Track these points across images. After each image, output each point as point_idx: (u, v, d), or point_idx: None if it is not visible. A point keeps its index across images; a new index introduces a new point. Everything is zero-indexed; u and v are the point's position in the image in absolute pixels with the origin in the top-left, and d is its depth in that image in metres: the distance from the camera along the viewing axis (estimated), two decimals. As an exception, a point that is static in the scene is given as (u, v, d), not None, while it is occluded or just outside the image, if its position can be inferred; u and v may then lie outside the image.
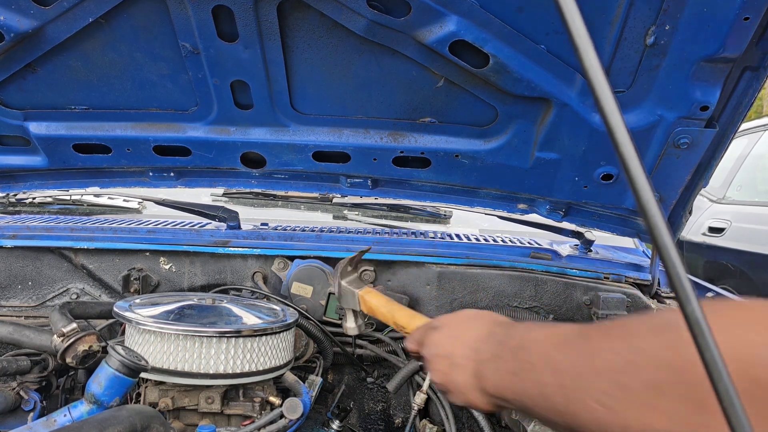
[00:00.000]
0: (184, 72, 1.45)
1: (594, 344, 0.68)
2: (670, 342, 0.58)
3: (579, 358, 0.69)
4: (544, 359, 0.75)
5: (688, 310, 0.44)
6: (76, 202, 2.51)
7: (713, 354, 0.43)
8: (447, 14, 1.23)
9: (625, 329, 0.65)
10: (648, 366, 0.59)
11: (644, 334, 0.62)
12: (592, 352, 0.67)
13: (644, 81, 1.32)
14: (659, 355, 0.59)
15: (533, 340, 0.80)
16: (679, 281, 0.44)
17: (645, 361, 0.60)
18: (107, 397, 1.10)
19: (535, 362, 0.76)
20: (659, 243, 0.45)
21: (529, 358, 0.78)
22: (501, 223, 2.15)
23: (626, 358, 0.61)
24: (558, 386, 0.70)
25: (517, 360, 0.81)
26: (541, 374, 0.74)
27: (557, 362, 0.72)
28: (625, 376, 0.61)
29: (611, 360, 0.63)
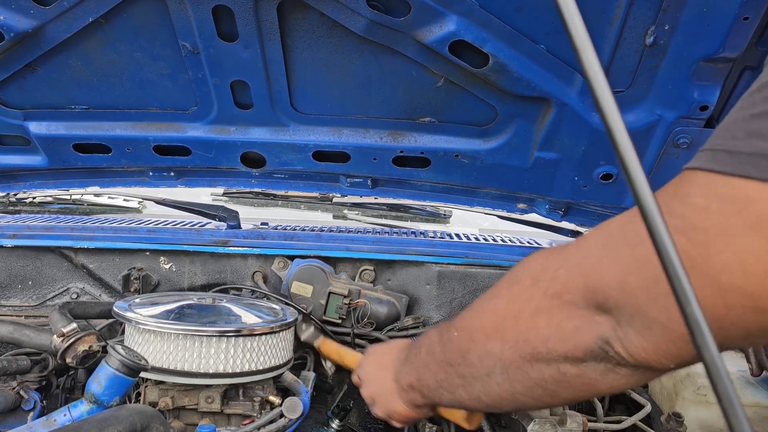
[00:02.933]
0: (184, 72, 1.45)
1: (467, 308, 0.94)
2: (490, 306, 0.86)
3: (456, 317, 0.95)
4: (434, 330, 0.99)
5: (688, 311, 0.44)
6: (76, 201, 2.51)
7: (713, 354, 0.43)
8: (447, 14, 1.23)
9: None
10: (483, 302, 0.89)
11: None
12: (463, 312, 0.94)
13: (644, 81, 1.32)
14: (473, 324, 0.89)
15: (434, 327, 1.03)
16: (678, 281, 0.44)
17: (484, 300, 0.89)
18: (107, 397, 1.10)
19: (429, 334, 1.01)
20: (658, 243, 0.45)
21: (426, 336, 1.03)
22: (501, 223, 2.15)
23: (480, 298, 0.90)
24: (438, 339, 0.96)
25: (417, 344, 1.05)
26: (429, 340, 0.99)
27: (440, 326, 0.97)
28: (471, 308, 0.91)
29: (470, 305, 0.92)
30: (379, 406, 1.16)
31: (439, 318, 1.75)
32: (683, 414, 1.39)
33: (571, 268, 0.72)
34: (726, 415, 0.43)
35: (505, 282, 0.84)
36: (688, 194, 0.60)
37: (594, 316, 0.70)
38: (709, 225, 0.57)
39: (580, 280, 0.70)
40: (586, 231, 1.94)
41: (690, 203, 0.59)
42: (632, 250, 0.64)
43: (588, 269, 0.70)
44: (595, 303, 0.69)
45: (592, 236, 0.72)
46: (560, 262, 0.74)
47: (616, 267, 0.66)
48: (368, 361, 1.25)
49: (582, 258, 0.72)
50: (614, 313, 0.67)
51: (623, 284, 0.65)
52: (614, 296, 0.66)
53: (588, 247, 0.72)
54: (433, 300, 1.76)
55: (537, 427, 1.26)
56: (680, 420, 1.37)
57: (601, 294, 0.68)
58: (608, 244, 0.68)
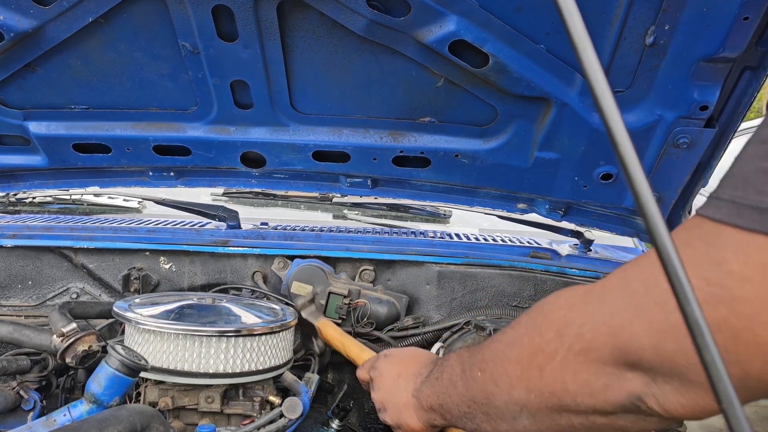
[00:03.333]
0: (184, 72, 1.45)
1: (488, 340, 0.93)
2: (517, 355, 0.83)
3: (476, 349, 0.93)
4: (457, 359, 0.97)
5: (688, 311, 0.44)
6: (76, 201, 2.51)
7: (713, 354, 0.43)
8: (447, 14, 1.23)
9: (508, 325, 0.90)
10: (505, 348, 0.86)
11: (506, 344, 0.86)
12: (483, 344, 0.92)
13: (644, 81, 1.32)
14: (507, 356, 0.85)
15: (456, 352, 1.01)
16: (678, 281, 0.44)
17: (505, 345, 0.86)
18: (107, 397, 1.10)
19: (452, 363, 0.98)
20: (658, 243, 0.45)
21: (448, 362, 1.00)
22: (501, 223, 2.15)
23: (501, 340, 0.88)
24: (460, 372, 0.94)
25: (440, 368, 1.03)
26: (452, 369, 0.97)
27: (463, 357, 0.95)
28: (495, 349, 0.88)
29: (491, 344, 0.90)
30: (390, 414, 1.15)
31: (439, 318, 1.75)
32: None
33: (597, 326, 0.70)
34: (726, 415, 0.43)
35: (527, 327, 0.81)
36: (724, 260, 0.58)
37: (624, 373, 0.68)
38: (752, 296, 0.56)
39: (608, 339, 0.68)
40: (586, 231, 1.94)
41: (729, 271, 0.57)
42: (666, 316, 0.62)
43: (616, 329, 0.67)
44: (625, 362, 0.68)
45: (616, 290, 0.69)
46: (584, 318, 0.72)
47: (650, 331, 0.64)
48: (385, 365, 1.22)
49: (608, 316, 0.69)
50: (648, 372, 0.66)
51: (659, 349, 0.63)
52: (648, 359, 0.65)
53: (614, 304, 0.69)
54: (433, 300, 1.76)
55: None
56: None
57: (634, 355, 0.66)
58: (636, 304, 0.66)
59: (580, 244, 1.96)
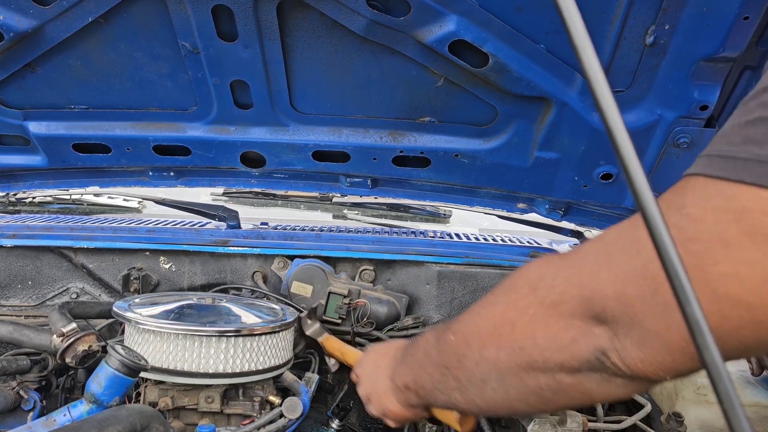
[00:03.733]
0: (184, 71, 1.45)
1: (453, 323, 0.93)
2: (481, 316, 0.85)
3: (453, 320, 0.94)
4: (431, 332, 0.99)
5: (688, 311, 0.44)
6: (75, 201, 2.51)
7: (714, 354, 0.43)
8: (447, 14, 1.23)
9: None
10: (480, 308, 0.87)
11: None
12: (460, 315, 0.93)
13: (644, 80, 1.32)
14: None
15: (431, 329, 1.02)
16: (678, 281, 0.44)
17: (481, 306, 0.87)
18: (107, 397, 1.10)
19: (426, 337, 1.00)
20: (658, 242, 0.45)
21: (422, 338, 1.03)
22: (501, 223, 2.15)
23: (477, 303, 0.88)
24: (434, 341, 0.95)
25: (414, 345, 1.06)
26: (426, 342, 0.99)
27: (437, 329, 0.97)
28: (468, 313, 0.89)
29: (468, 309, 0.90)
30: (373, 404, 1.17)
31: (439, 318, 1.75)
32: (683, 414, 1.39)
33: (569, 277, 0.72)
34: (726, 415, 0.43)
35: (503, 289, 0.83)
36: (683, 204, 0.60)
37: (591, 327, 0.69)
38: (705, 235, 0.57)
39: (577, 291, 0.70)
40: (586, 231, 1.94)
41: (685, 213, 0.59)
42: (630, 260, 0.64)
43: (585, 279, 0.69)
44: (592, 314, 0.69)
45: (590, 245, 0.72)
46: (558, 271, 0.74)
47: (614, 277, 0.66)
48: (366, 360, 1.26)
49: (579, 267, 0.71)
50: (611, 325, 0.67)
51: (620, 295, 0.64)
52: (611, 307, 0.66)
53: (585, 257, 0.71)
54: (433, 300, 1.76)
55: (537, 426, 1.26)
56: (680, 420, 1.37)
57: (598, 304, 0.67)
58: (605, 254, 0.68)
59: (580, 244, 1.96)
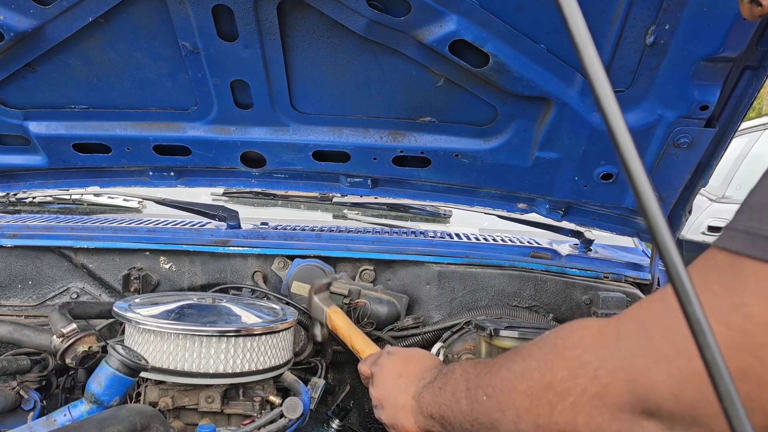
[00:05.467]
0: (184, 71, 1.45)
1: (495, 360, 0.90)
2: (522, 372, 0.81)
3: (483, 368, 0.91)
4: (462, 373, 0.95)
5: (689, 311, 0.44)
6: (76, 201, 2.50)
7: (714, 355, 0.43)
8: (447, 14, 1.23)
9: (517, 351, 0.87)
10: (514, 378, 0.82)
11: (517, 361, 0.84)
12: (491, 366, 0.89)
13: (644, 80, 1.31)
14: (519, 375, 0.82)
15: (461, 364, 1.00)
16: (679, 280, 0.44)
17: (515, 375, 0.82)
18: (107, 397, 1.10)
19: (457, 377, 0.97)
20: (659, 242, 0.45)
21: (453, 375, 0.99)
22: (501, 223, 2.15)
23: (510, 369, 0.84)
24: (465, 389, 0.92)
25: (444, 378, 1.01)
26: (456, 383, 0.95)
27: (469, 373, 0.93)
28: (503, 377, 0.85)
29: (499, 370, 0.86)
30: (386, 413, 1.13)
31: (439, 318, 1.74)
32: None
33: (614, 370, 0.68)
34: (727, 415, 0.43)
35: (537, 364, 0.78)
36: (744, 303, 0.56)
37: (640, 421, 0.66)
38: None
39: (626, 386, 0.66)
40: (586, 231, 1.94)
41: (750, 315, 0.55)
42: (687, 363, 0.60)
43: (634, 376, 0.65)
44: (642, 409, 0.66)
45: (633, 333, 0.67)
46: (600, 361, 0.69)
47: (670, 379, 0.62)
48: (387, 363, 1.20)
49: (625, 360, 0.67)
50: (666, 421, 0.64)
51: (680, 398, 0.61)
52: (668, 408, 0.63)
53: (630, 348, 0.67)
54: (433, 300, 1.76)
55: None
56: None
57: (653, 404, 0.64)
58: (655, 350, 0.64)
59: (580, 244, 1.96)
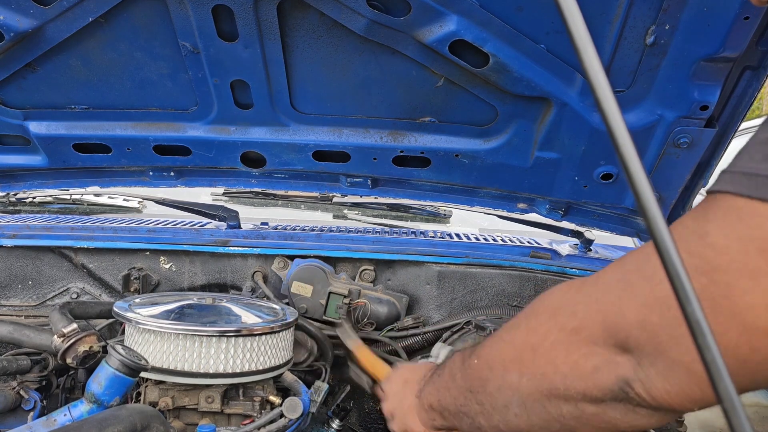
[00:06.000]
0: (184, 71, 1.45)
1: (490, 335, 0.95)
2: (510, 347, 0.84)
3: (479, 344, 0.94)
4: (458, 355, 0.98)
5: (688, 310, 0.44)
6: (76, 201, 2.51)
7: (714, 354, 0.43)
8: (447, 14, 1.23)
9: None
10: (503, 333, 0.87)
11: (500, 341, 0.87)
12: (486, 339, 0.93)
13: (644, 80, 1.32)
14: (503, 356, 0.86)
15: (459, 352, 1.01)
16: (679, 281, 0.44)
17: (504, 330, 0.87)
18: (107, 397, 1.10)
19: (454, 359, 0.99)
20: (659, 242, 0.45)
21: (450, 361, 1.01)
22: (501, 223, 2.15)
23: (502, 328, 0.88)
24: (460, 364, 0.95)
25: (442, 367, 1.05)
26: (453, 364, 0.98)
27: (464, 352, 0.96)
28: (492, 339, 0.89)
29: (488, 340, 0.90)
30: (396, 421, 1.15)
31: (439, 318, 1.74)
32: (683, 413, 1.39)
33: (590, 303, 0.71)
34: (726, 415, 0.43)
35: (524, 314, 0.83)
36: (706, 232, 0.58)
37: (614, 356, 0.68)
38: (731, 265, 0.56)
39: (599, 317, 0.69)
40: (586, 231, 1.94)
41: (709, 242, 0.58)
42: (652, 288, 0.63)
43: (607, 305, 0.68)
44: (614, 341, 0.68)
45: (610, 271, 0.71)
46: (578, 297, 0.73)
47: (636, 305, 0.64)
48: (394, 377, 1.24)
49: (600, 294, 0.70)
50: (635, 353, 0.66)
51: (644, 323, 0.63)
52: (635, 335, 0.65)
53: (606, 283, 0.70)
54: (433, 300, 1.76)
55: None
56: (680, 420, 1.37)
57: (622, 332, 0.66)
58: (627, 281, 0.67)
59: (580, 244, 1.96)
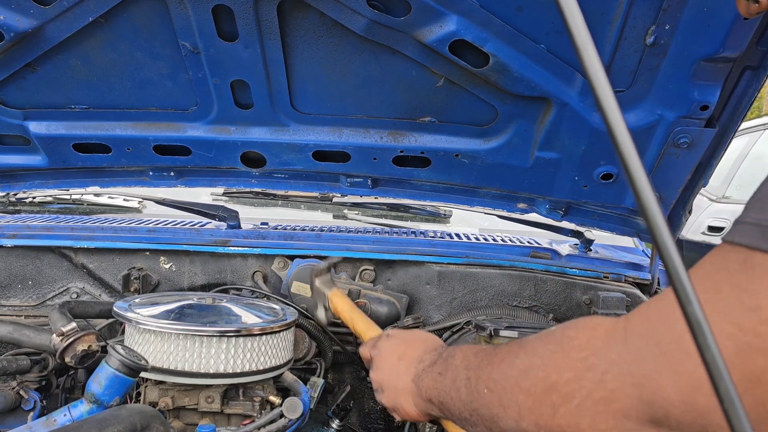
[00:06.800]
0: (184, 71, 1.45)
1: (497, 351, 0.88)
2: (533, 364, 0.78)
3: (484, 358, 0.89)
4: (463, 360, 0.93)
5: (689, 311, 0.44)
6: (76, 201, 2.50)
7: (714, 355, 0.43)
8: (447, 14, 1.23)
9: (521, 345, 0.84)
10: (517, 375, 0.80)
11: (527, 352, 0.81)
12: (493, 356, 0.87)
13: (644, 80, 1.32)
14: (526, 369, 0.79)
15: (461, 349, 0.98)
16: (679, 281, 0.44)
17: (518, 372, 0.80)
18: (107, 397, 1.10)
19: (457, 363, 0.94)
20: (659, 242, 0.45)
21: (453, 361, 0.96)
22: (501, 223, 2.15)
23: (513, 364, 0.82)
24: (465, 379, 0.90)
25: (445, 363, 0.99)
26: (457, 370, 0.93)
27: (470, 362, 0.91)
28: (506, 373, 0.82)
29: (501, 364, 0.84)
30: (387, 396, 1.12)
31: (439, 318, 1.74)
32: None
33: (621, 374, 0.65)
34: (726, 415, 0.43)
35: (542, 362, 0.76)
36: (758, 306, 0.53)
37: (647, 429, 0.64)
38: None
39: (633, 391, 0.64)
40: (586, 231, 1.94)
41: (765, 317, 0.53)
42: (696, 368, 0.56)
43: (642, 380, 0.63)
44: (649, 417, 0.63)
45: (641, 336, 0.64)
46: (608, 364, 0.67)
47: (680, 384, 0.59)
48: (387, 345, 1.17)
49: (633, 365, 0.64)
50: (675, 430, 0.62)
51: (689, 405, 0.59)
52: (676, 415, 0.60)
53: (639, 351, 0.64)
54: (433, 300, 1.76)
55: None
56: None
57: (660, 410, 0.62)
58: (663, 354, 0.61)
59: (580, 244, 1.96)
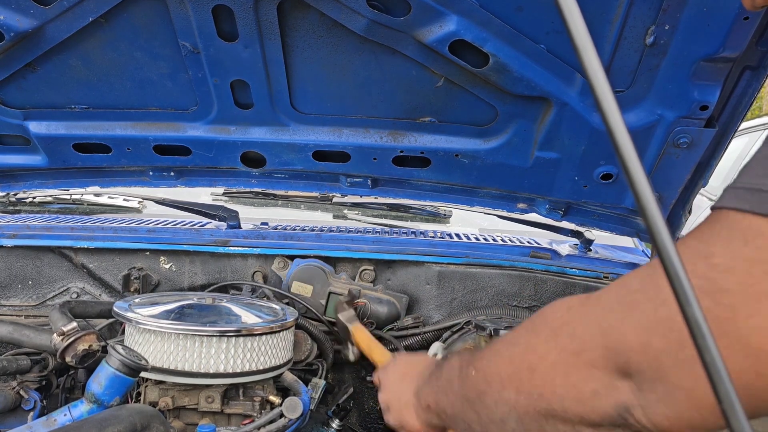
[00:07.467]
0: (184, 71, 1.45)
1: (493, 343, 0.92)
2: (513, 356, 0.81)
3: (478, 351, 0.91)
4: (458, 360, 0.95)
5: (688, 311, 0.44)
6: (76, 201, 2.50)
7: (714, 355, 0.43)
8: (447, 14, 1.23)
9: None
10: (501, 347, 0.85)
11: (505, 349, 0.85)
12: (488, 346, 0.91)
13: (644, 80, 1.32)
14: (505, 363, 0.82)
15: (459, 353, 1.00)
16: (678, 281, 0.44)
17: (503, 345, 0.85)
18: (107, 397, 1.10)
19: (453, 363, 0.97)
20: (658, 242, 0.45)
21: (450, 362, 0.99)
22: (501, 223, 2.15)
23: (501, 341, 0.86)
24: (458, 370, 0.92)
25: (441, 368, 1.02)
26: (452, 369, 0.95)
27: (464, 358, 0.93)
28: (491, 349, 0.87)
29: (492, 346, 0.88)
30: (392, 414, 1.15)
31: (439, 318, 1.75)
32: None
33: (591, 325, 0.69)
34: (726, 415, 0.43)
35: (524, 328, 0.81)
36: (711, 253, 0.57)
37: (614, 381, 0.66)
38: (735, 287, 0.55)
39: (600, 339, 0.67)
40: (586, 231, 1.94)
41: (714, 263, 0.56)
42: (655, 310, 0.61)
43: (608, 327, 0.66)
44: (615, 365, 0.66)
45: (613, 291, 0.68)
46: (580, 317, 0.71)
47: (638, 327, 0.62)
48: (393, 368, 1.23)
49: (602, 315, 0.68)
50: (635, 378, 0.64)
51: (646, 346, 0.61)
52: (636, 359, 0.63)
53: (609, 303, 0.68)
54: (433, 300, 1.76)
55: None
56: None
57: (622, 356, 0.64)
58: (629, 302, 0.64)
59: (580, 244, 1.96)
